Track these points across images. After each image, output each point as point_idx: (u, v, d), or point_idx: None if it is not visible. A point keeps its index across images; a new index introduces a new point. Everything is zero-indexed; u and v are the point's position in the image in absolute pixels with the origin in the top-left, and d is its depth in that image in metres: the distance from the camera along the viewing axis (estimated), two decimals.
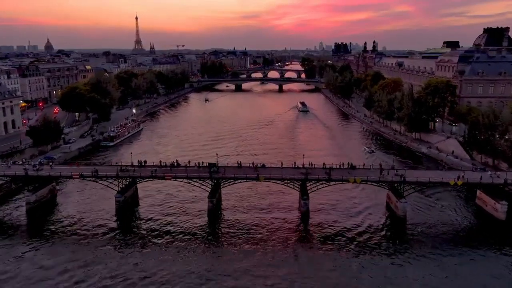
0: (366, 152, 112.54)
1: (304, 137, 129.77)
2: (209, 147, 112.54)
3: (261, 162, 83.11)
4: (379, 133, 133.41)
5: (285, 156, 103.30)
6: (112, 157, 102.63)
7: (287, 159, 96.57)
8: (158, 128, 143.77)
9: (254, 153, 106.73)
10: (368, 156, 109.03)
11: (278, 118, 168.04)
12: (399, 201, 63.70)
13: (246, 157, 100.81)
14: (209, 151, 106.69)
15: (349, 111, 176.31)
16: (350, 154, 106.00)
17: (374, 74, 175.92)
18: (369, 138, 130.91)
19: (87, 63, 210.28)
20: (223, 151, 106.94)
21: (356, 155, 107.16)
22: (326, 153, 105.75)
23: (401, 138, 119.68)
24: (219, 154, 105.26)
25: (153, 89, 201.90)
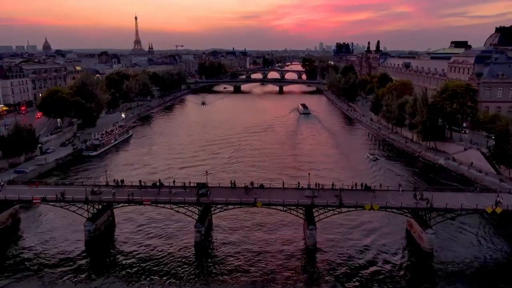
0: (370, 159, 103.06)
1: (306, 144, 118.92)
2: (201, 157, 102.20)
3: (258, 179, 72.64)
4: (387, 140, 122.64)
5: (286, 168, 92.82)
6: (94, 170, 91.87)
7: (288, 173, 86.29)
8: (148, 134, 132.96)
9: (252, 163, 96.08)
10: (372, 164, 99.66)
11: (278, 122, 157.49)
12: (424, 231, 52.89)
13: (242, 169, 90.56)
14: (200, 162, 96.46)
15: (353, 115, 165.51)
16: (358, 166, 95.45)
17: (381, 75, 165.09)
18: (376, 146, 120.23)
19: (77, 64, 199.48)
20: (216, 162, 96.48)
21: (361, 163, 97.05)
22: (332, 165, 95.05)
23: (413, 146, 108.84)
24: (212, 165, 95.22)
25: (147, 91, 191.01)
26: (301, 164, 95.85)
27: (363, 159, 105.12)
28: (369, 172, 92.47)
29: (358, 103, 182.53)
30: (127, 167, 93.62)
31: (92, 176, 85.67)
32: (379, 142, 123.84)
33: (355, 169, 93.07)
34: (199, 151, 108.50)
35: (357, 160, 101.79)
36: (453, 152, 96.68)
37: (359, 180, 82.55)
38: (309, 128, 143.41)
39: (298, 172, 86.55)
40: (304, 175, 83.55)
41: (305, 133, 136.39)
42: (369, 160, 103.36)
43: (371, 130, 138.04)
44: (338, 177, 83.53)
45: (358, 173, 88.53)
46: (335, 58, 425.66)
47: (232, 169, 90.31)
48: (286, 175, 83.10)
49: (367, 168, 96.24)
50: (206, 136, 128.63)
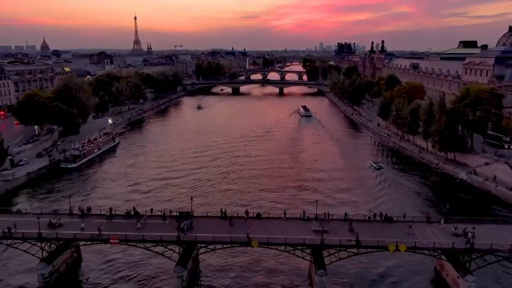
0: (373, 168, 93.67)
1: (309, 154, 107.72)
2: (192, 168, 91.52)
3: (254, 201, 61.93)
4: (398, 149, 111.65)
5: (287, 183, 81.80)
6: (70, 186, 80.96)
7: (290, 193, 75.21)
8: (137, 142, 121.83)
9: (248, 177, 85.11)
10: (376, 174, 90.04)
11: (278, 126, 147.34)
12: (462, 278, 41.91)
13: (236, 186, 79.39)
14: (189, 176, 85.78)
15: (359, 119, 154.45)
16: (363, 179, 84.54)
17: (389, 77, 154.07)
18: (385, 154, 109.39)
19: (66, 65, 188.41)
20: (207, 176, 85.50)
21: (365, 175, 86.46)
22: (340, 181, 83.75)
23: (429, 157, 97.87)
24: (202, 179, 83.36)
25: (139, 93, 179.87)
26: (304, 179, 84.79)
27: (365, 168, 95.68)
28: (375, 186, 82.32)
29: (363, 107, 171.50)
30: (106, 183, 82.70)
31: (67, 194, 74.67)
32: (388, 151, 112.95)
33: (360, 181, 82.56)
34: (189, 162, 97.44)
35: (363, 172, 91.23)
36: (475, 165, 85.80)
37: (365, 199, 72.32)
38: (312, 135, 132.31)
39: (302, 192, 75.71)
40: (307, 194, 73.23)
41: (307, 140, 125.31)
42: (372, 169, 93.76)
43: (379, 137, 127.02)
44: (348, 198, 72.83)
45: (363, 187, 77.97)
46: (336, 58, 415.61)
47: (223, 186, 79.10)
48: (287, 195, 72.36)
49: (371, 180, 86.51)
50: (200, 143, 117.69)
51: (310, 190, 76.92)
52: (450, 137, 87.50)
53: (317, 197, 62.32)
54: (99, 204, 63.75)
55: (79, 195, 74.33)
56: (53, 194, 75.88)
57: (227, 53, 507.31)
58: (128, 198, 72.12)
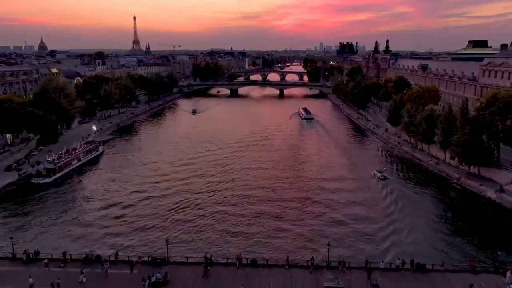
0: (377, 178, 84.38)
1: (313, 165, 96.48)
2: (178, 185, 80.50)
3: (246, 236, 51.13)
4: (411, 160, 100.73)
5: (288, 204, 70.90)
6: (40, 207, 70.05)
7: (291, 219, 64.07)
8: (124, 151, 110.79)
9: (240, 196, 74.07)
10: (381, 185, 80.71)
11: (279, 131, 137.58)
12: None
13: (226, 207, 68.17)
14: (174, 193, 75.05)
15: (366, 125, 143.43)
16: (379, 201, 73.61)
17: (398, 79, 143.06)
18: (397, 165, 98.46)
19: (53, 66, 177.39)
20: (194, 194, 74.74)
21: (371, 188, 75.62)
22: (351, 202, 72.70)
23: (448, 170, 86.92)
24: (188, 199, 71.50)
25: (130, 96, 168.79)
26: (308, 199, 73.67)
27: (368, 178, 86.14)
28: (385, 204, 71.95)
29: (369, 110, 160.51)
30: (78, 204, 71.50)
31: (26, 221, 64.10)
32: (399, 161, 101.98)
33: (371, 199, 71.53)
34: (178, 176, 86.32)
35: (368, 183, 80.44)
36: (503, 181, 74.87)
37: (377, 227, 60.92)
38: (315, 143, 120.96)
39: (305, 220, 64.42)
40: (311, 219, 62.14)
41: (310, 147, 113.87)
42: (376, 180, 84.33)
43: (388, 145, 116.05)
44: (358, 227, 61.79)
45: (372, 207, 66.99)
46: (338, 58, 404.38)
47: (211, 208, 67.91)
48: (288, 223, 61.24)
49: (371, 189, 77.10)
50: (192, 152, 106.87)
51: (313, 215, 65.91)
52: (475, 149, 76.64)
53: (322, 221, 51.33)
54: (60, 236, 52.97)
55: (38, 225, 62.72)
56: (15, 219, 64.72)
57: (226, 53, 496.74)
58: (97, 226, 61.36)
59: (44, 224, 62.45)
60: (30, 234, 57.39)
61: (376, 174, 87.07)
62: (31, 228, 60.92)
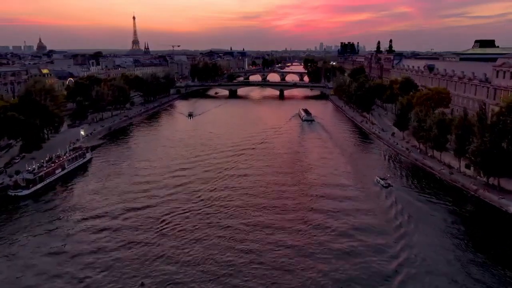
0: (380, 185, 78.39)
1: (316, 176, 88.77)
2: (166, 198, 73.33)
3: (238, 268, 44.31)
4: (421, 168, 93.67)
5: (285, 218, 63.94)
6: (14, 223, 63.20)
7: (291, 251, 56.91)
8: (114, 158, 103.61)
9: (232, 213, 66.87)
10: (384, 193, 74.95)
11: (279, 133, 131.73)
12: None
13: (216, 230, 60.42)
14: (161, 208, 67.91)
15: (370, 129, 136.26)
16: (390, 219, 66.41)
17: (404, 80, 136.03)
18: (404, 172, 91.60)
19: (44, 66, 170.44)
20: (183, 210, 67.55)
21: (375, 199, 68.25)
22: (351, 212, 65.75)
23: (463, 180, 79.84)
24: (173, 220, 63.35)
25: (124, 98, 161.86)
26: (313, 216, 66.49)
27: (371, 185, 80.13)
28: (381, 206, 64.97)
29: (374, 113, 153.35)
30: (53, 224, 64.28)
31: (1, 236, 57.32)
32: (407, 168, 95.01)
33: (380, 213, 64.38)
34: (167, 186, 79.33)
35: (370, 191, 73.16)
36: None
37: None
38: (316, 148, 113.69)
39: (308, 244, 57.48)
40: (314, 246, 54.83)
41: (311, 153, 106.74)
42: (380, 187, 78.16)
43: (396, 151, 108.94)
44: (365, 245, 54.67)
45: (384, 223, 59.77)
46: (339, 58, 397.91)
47: (200, 231, 60.45)
48: (288, 258, 53.95)
49: (374, 197, 71.62)
50: (186, 159, 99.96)
51: (319, 239, 58.93)
52: (495, 158, 69.63)
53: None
54: (30, 257, 45.90)
55: (9, 243, 56.13)
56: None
57: (225, 53, 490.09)
58: (73, 243, 54.63)
59: (16, 242, 55.73)
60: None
61: (379, 181, 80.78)
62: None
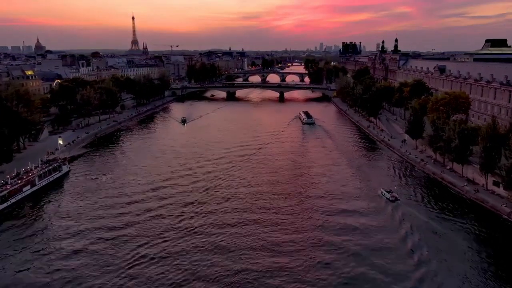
0: (385, 198, 69.70)
1: (321, 191, 78.20)
2: (146, 220, 62.35)
3: None
4: (439, 183, 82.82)
5: (284, 250, 53.22)
6: None
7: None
8: (95, 171, 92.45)
9: (220, 243, 56.17)
10: (390, 207, 66.37)
11: (278, 140, 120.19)
12: None
13: (204, 261, 49.98)
14: (141, 229, 56.62)
15: (378, 135, 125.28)
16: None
17: (416, 83, 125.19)
18: (418, 187, 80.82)
19: (29, 68, 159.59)
20: (163, 236, 56.59)
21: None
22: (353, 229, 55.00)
23: (492, 201, 69.06)
24: (146, 246, 52.68)
25: (112, 101, 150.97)
26: (318, 239, 55.97)
27: (375, 198, 71.72)
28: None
29: (381, 118, 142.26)
30: (23, 246, 53.90)
31: None
32: (422, 182, 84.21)
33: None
34: (149, 204, 68.58)
35: (376, 204, 62.33)
36: None
37: None
38: (321, 158, 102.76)
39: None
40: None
41: (315, 164, 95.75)
42: (384, 201, 69.26)
43: (408, 162, 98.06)
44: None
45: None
46: (341, 59, 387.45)
47: (174, 270, 50.09)
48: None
49: (378, 212, 63.58)
50: (174, 172, 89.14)
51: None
52: None
53: None
54: None
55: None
56: None
57: (224, 54, 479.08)
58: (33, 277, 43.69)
59: None
60: None
61: (384, 194, 71.45)
62: None
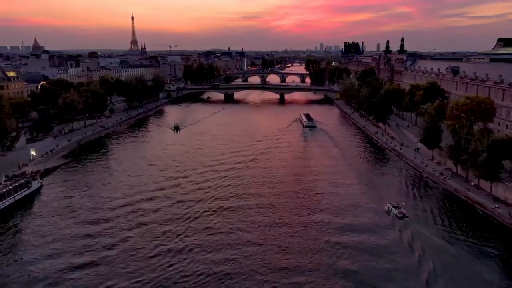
0: (392, 214, 60.81)
1: (329, 214, 67.55)
2: (118, 248, 51.42)
3: None
4: (465, 201, 71.94)
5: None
6: None
7: None
8: (71, 186, 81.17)
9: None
10: (398, 225, 57.54)
11: (276, 146, 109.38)
12: None
13: None
14: (109, 260, 46.09)
15: (388, 143, 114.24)
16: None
17: (430, 86, 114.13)
18: (437, 205, 70.04)
19: (10, 69, 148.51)
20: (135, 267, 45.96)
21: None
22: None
23: None
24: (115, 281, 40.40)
25: (99, 105, 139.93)
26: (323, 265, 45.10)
27: (381, 214, 62.65)
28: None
29: (391, 123, 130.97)
30: None
31: None
32: (440, 200, 73.38)
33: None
34: (117, 244, 57.67)
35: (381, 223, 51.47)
36: None
37: None
38: (327, 173, 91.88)
39: None
40: None
41: (320, 179, 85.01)
42: (392, 217, 60.26)
43: (424, 175, 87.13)
44: None
45: None
46: (343, 59, 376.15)
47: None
48: None
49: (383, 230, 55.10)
50: (156, 190, 77.97)
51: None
52: None
53: None
54: None
55: None
56: None
57: (223, 54, 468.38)
58: None
59: None
60: None
61: (391, 209, 62.22)
62: None
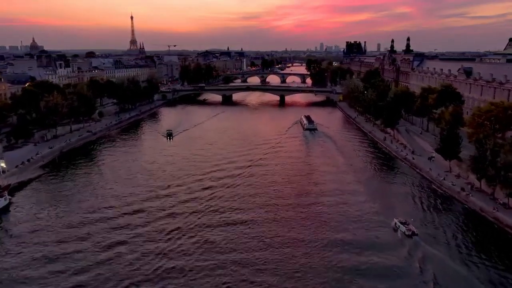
0: (400, 231, 53.10)
1: (331, 245, 58.19)
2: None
3: None
4: (491, 224, 62.57)
5: None
6: None
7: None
8: (45, 203, 71.81)
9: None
10: (407, 245, 50.03)
11: (278, 155, 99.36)
12: None
13: None
14: None
15: (397, 151, 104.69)
16: None
17: (444, 88, 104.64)
18: (460, 226, 60.71)
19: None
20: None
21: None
22: None
23: None
24: None
25: (86, 109, 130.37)
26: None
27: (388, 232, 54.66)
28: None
29: (400, 128, 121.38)
30: None
31: None
32: (464, 221, 63.95)
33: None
34: (92, 271, 48.42)
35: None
36: None
37: None
38: (335, 190, 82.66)
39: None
40: None
41: (326, 192, 75.88)
42: (400, 235, 52.38)
43: (441, 190, 77.70)
44: None
45: None
46: (345, 59, 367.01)
47: None
48: None
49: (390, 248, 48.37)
50: (137, 207, 68.71)
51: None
52: None
53: None
54: None
55: None
56: None
57: (222, 54, 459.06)
58: None
59: None
60: None
61: (398, 226, 54.10)
62: None
